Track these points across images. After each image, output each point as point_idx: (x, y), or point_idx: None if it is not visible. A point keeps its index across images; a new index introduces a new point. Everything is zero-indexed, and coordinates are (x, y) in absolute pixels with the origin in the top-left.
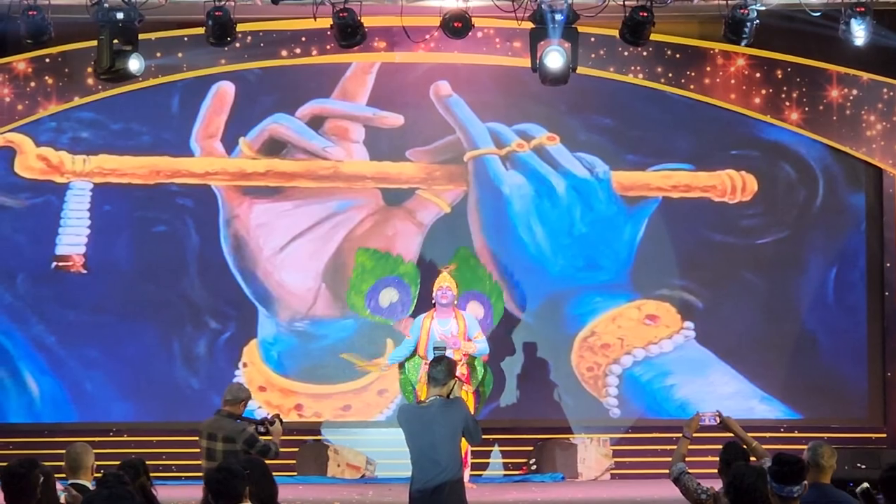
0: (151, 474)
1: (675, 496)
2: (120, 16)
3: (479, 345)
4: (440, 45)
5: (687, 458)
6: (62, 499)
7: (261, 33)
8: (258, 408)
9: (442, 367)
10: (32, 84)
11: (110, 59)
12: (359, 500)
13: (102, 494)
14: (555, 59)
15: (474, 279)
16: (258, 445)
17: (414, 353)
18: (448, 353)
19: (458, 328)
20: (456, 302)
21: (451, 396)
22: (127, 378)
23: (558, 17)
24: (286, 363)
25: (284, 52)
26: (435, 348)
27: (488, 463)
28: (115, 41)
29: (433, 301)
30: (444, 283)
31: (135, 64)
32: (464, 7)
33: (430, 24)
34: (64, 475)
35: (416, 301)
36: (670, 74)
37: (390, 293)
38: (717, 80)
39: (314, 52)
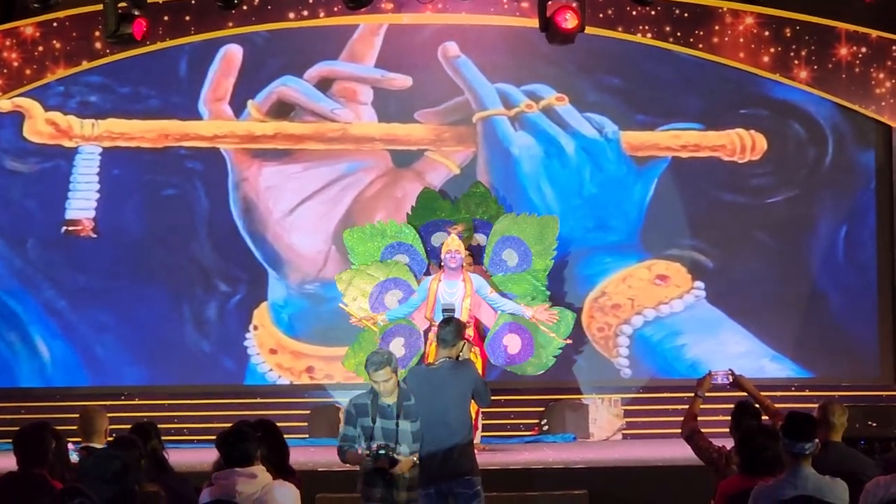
0: (163, 438)
1: (686, 455)
2: None
3: (507, 305)
4: (448, 5)
5: (699, 418)
6: (74, 460)
7: None
8: (269, 370)
9: (451, 329)
10: (40, 48)
11: (116, 23)
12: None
13: (96, 456)
14: (567, 19)
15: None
16: None
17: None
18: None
19: (465, 290)
20: (466, 263)
21: (461, 358)
22: (138, 342)
23: None
24: (297, 326)
25: (292, 15)
26: (444, 310)
27: (499, 424)
28: (122, 4)
29: (441, 263)
30: (453, 247)
31: (139, 31)
32: None
33: None
34: (78, 438)
35: (427, 257)
36: (679, 34)
37: (401, 258)
38: (726, 38)
39: (322, 14)
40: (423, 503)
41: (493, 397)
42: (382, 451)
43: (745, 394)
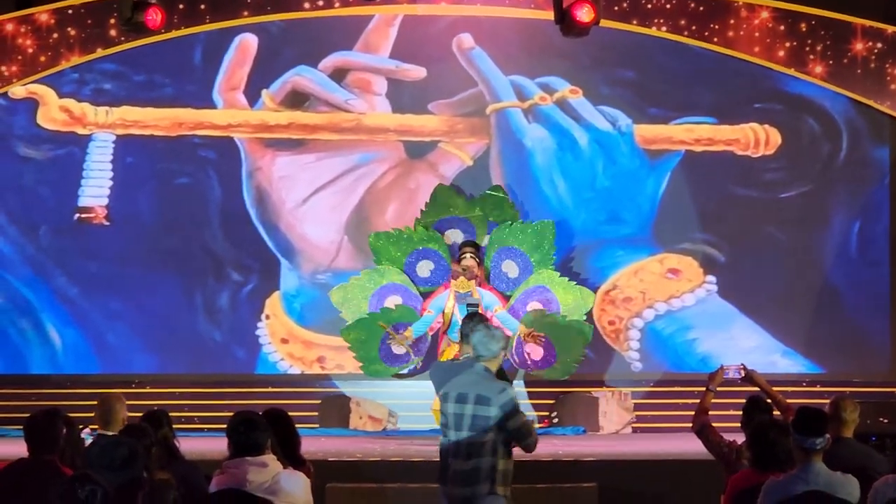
0: (174, 426)
1: (697, 450)
2: None
3: (509, 322)
4: None
5: (710, 412)
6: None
7: None
8: (280, 360)
9: (474, 325)
10: (55, 35)
11: (131, 10)
12: (380, 452)
13: (102, 445)
14: (585, 11)
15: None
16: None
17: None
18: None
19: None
20: (477, 275)
21: None
22: (149, 330)
23: None
24: (308, 315)
25: (307, 4)
26: (468, 305)
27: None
28: None
29: (455, 277)
30: (468, 265)
31: (154, 19)
32: None
33: None
34: (96, 425)
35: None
36: (694, 27)
37: (427, 264)
38: (741, 32)
39: (337, 4)
40: (443, 502)
41: None
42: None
43: (756, 388)
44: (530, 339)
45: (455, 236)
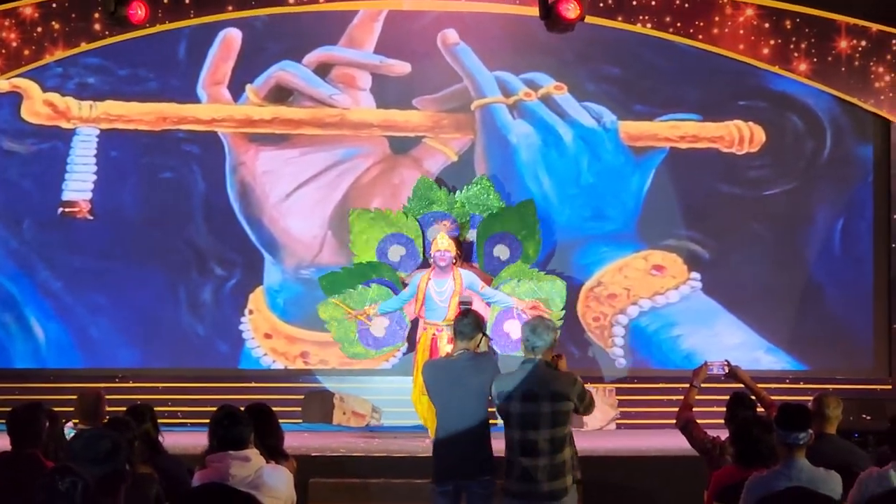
0: (157, 420)
1: (681, 446)
2: None
3: (497, 297)
4: None
5: (694, 408)
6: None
7: None
8: (264, 355)
9: (469, 321)
10: (39, 29)
11: (114, 4)
12: (364, 447)
13: (85, 437)
14: (571, 8)
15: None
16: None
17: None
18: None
19: (455, 288)
20: (455, 261)
21: (479, 350)
22: (133, 324)
23: None
24: (292, 310)
25: (292, 0)
26: (461, 302)
27: (493, 412)
28: None
29: (431, 261)
30: (443, 246)
31: (138, 12)
32: None
33: None
34: (76, 420)
35: (423, 254)
36: (679, 24)
37: (398, 249)
38: (726, 30)
39: (321, 0)
40: (437, 500)
41: None
42: None
43: (740, 385)
44: (532, 311)
45: (435, 233)
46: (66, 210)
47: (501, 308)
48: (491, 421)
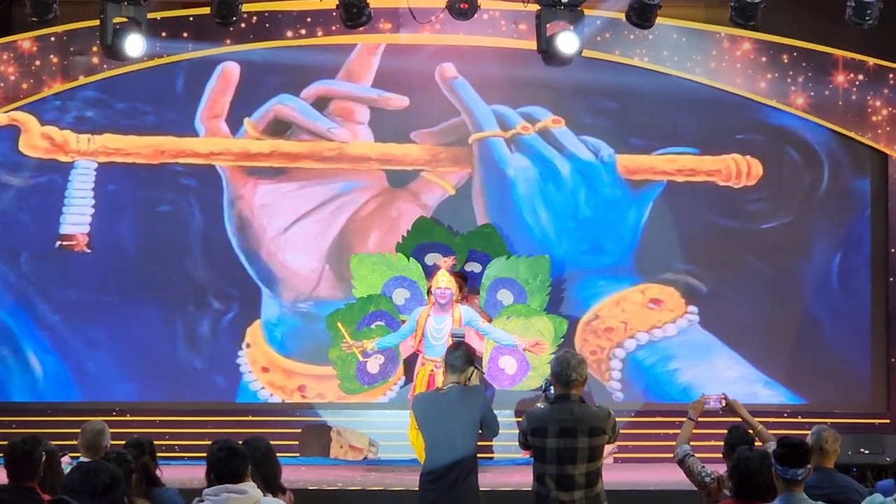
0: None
1: (679, 480)
2: None
3: (497, 334)
4: (446, 26)
5: (691, 442)
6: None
7: (266, 14)
8: (261, 388)
9: (459, 354)
10: (37, 63)
11: (111, 37)
12: (361, 481)
13: (84, 469)
14: (569, 43)
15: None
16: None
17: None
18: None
19: (453, 325)
20: (456, 298)
21: (469, 384)
22: (130, 358)
23: None
24: (289, 344)
25: (290, 33)
26: (453, 335)
27: (490, 446)
28: (119, 19)
29: (431, 297)
30: (443, 284)
31: (136, 46)
32: None
33: (436, 5)
34: (76, 453)
35: (427, 295)
36: (676, 58)
37: (402, 292)
38: (723, 64)
39: (319, 33)
40: None
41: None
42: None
43: (738, 419)
44: (535, 348)
45: (434, 259)
46: (64, 243)
47: (499, 343)
48: (524, 454)
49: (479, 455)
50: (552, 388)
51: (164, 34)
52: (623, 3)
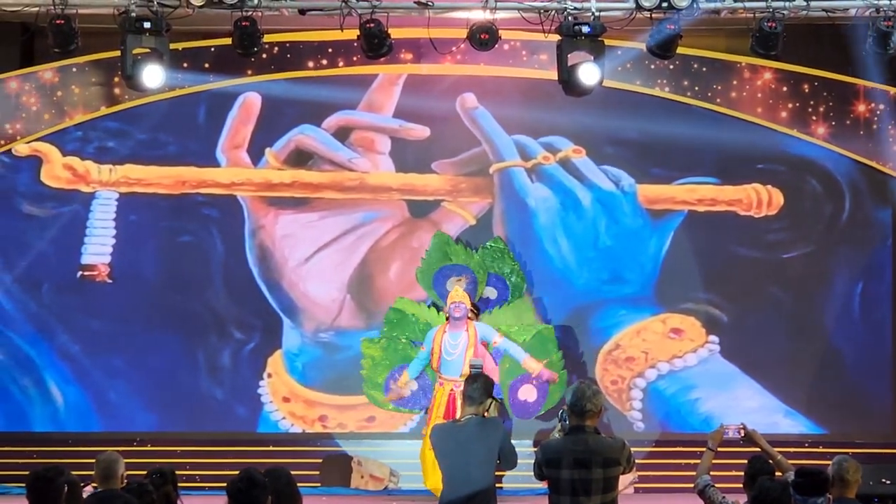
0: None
1: None
2: (147, 25)
3: (512, 349)
4: (467, 57)
5: (711, 472)
6: None
7: (288, 44)
8: (282, 418)
9: (478, 386)
10: (59, 93)
11: (131, 68)
12: None
13: (102, 499)
14: (591, 74)
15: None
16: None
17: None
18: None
19: (469, 341)
20: (470, 317)
21: (487, 415)
22: (151, 388)
23: (585, 29)
24: (310, 374)
25: (311, 64)
26: (471, 366)
27: (510, 474)
28: (141, 50)
29: (447, 314)
30: (457, 298)
31: (156, 76)
32: (490, 19)
33: (457, 36)
34: (95, 483)
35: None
36: (696, 88)
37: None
38: (744, 93)
39: (341, 64)
40: None
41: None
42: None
43: (758, 449)
44: (546, 376)
45: (453, 285)
46: (86, 274)
47: (514, 377)
48: (541, 484)
49: (497, 485)
50: (567, 419)
51: (185, 65)
52: (644, 34)
